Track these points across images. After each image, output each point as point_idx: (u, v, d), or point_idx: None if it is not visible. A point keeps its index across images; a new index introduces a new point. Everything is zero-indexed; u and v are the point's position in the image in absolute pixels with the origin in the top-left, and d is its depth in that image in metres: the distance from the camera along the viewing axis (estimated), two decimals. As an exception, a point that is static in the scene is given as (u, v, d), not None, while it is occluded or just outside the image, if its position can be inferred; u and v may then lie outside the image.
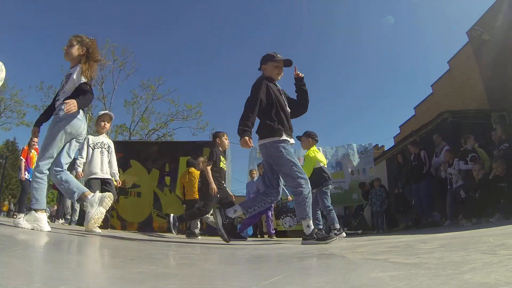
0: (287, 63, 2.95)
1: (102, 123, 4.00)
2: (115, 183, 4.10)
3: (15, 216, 5.71)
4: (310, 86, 3.05)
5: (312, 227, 2.80)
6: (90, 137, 3.98)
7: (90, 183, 3.75)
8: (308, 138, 4.87)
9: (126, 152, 8.24)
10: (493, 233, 2.41)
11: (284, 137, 2.79)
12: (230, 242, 3.26)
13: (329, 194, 4.80)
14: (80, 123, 2.82)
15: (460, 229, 4.19)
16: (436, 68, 41.42)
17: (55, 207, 11.57)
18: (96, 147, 3.90)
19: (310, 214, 2.79)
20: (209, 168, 4.34)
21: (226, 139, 4.64)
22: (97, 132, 4.06)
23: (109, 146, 4.03)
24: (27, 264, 1.12)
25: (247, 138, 2.65)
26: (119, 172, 7.87)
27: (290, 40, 44.64)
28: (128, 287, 0.88)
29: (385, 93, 46.39)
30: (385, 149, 13.55)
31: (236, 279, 1.17)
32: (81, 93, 2.67)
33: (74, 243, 2.28)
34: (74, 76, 2.73)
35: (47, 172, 2.75)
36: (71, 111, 2.52)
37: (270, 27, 43.67)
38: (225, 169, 4.66)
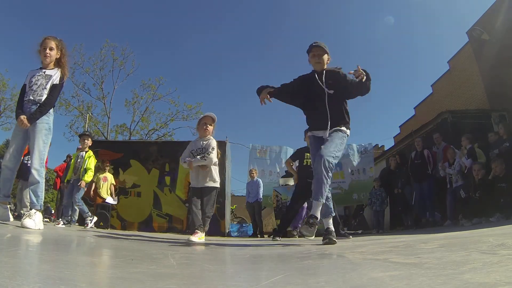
0: (309, 47, 2.92)
1: (204, 126, 3.62)
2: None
3: (15, 216, 5.69)
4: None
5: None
6: (191, 143, 3.69)
7: (190, 194, 3.54)
8: None
9: (126, 152, 8.25)
10: (493, 233, 2.41)
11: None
12: (230, 243, 3.27)
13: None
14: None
15: (460, 229, 4.18)
16: (436, 68, 41.24)
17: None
18: (195, 154, 3.55)
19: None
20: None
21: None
22: (200, 137, 3.67)
23: (207, 149, 3.53)
24: (27, 264, 1.12)
25: None
26: (119, 172, 7.97)
27: (290, 41, 44.68)
28: (128, 287, 0.88)
29: (385, 93, 46.40)
30: (385, 149, 13.53)
31: (236, 279, 1.17)
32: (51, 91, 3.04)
33: (74, 243, 2.29)
34: (57, 81, 3.06)
35: None
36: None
37: (270, 27, 43.69)
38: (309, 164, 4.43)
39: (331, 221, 2.77)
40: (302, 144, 4.88)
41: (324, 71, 2.84)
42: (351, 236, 4.35)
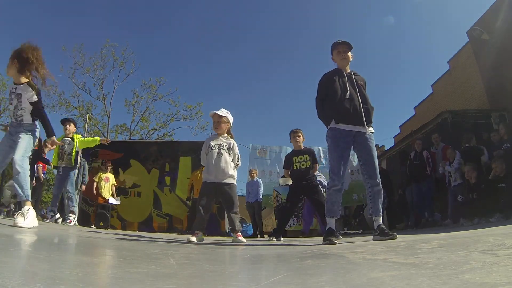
0: (346, 44, 2.91)
1: (215, 125, 3.55)
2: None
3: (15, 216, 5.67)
4: (309, 86, 3.05)
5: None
6: (208, 139, 3.58)
7: (201, 188, 3.48)
8: None
9: (126, 152, 8.26)
10: (493, 233, 2.40)
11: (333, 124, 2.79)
12: (230, 243, 3.27)
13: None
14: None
15: (460, 229, 4.19)
16: (436, 68, 41.25)
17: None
18: (213, 148, 3.45)
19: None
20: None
21: (294, 137, 4.40)
22: (217, 135, 3.58)
23: (228, 147, 3.48)
24: (27, 264, 1.12)
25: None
26: (119, 172, 7.97)
27: (289, 40, 44.69)
28: (128, 287, 0.88)
29: (385, 93, 46.43)
30: (385, 149, 13.54)
31: (236, 279, 1.17)
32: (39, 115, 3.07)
33: (73, 243, 2.29)
34: (34, 98, 3.00)
35: None
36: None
37: (270, 25, 43.72)
38: (303, 167, 4.31)
39: (333, 221, 2.76)
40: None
41: None
42: (341, 237, 4.35)
